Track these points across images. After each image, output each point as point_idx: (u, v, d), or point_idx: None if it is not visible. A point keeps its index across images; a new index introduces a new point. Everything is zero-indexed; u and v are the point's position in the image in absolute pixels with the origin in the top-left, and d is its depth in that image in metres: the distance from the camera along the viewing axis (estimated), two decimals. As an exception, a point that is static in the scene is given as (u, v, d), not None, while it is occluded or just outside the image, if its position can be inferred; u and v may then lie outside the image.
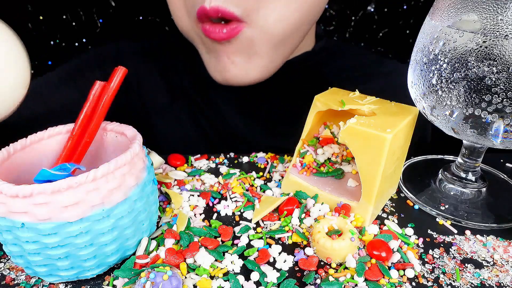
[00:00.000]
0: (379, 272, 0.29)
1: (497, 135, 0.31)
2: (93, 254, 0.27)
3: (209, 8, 0.39)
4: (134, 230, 0.29)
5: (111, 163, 0.27)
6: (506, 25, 0.27)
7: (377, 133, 0.30)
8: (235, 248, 0.31)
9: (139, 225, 0.30)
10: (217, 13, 0.40)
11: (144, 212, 0.30)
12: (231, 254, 0.31)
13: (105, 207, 0.27)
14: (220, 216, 0.36)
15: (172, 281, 0.26)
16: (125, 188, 0.28)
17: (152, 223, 0.32)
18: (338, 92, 0.38)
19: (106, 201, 0.27)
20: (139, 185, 0.29)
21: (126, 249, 0.30)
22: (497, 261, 0.31)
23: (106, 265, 0.29)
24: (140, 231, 0.30)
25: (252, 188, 0.39)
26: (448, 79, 0.31)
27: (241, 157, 0.45)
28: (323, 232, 0.31)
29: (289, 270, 0.30)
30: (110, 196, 0.27)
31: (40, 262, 0.27)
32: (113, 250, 0.28)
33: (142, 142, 0.31)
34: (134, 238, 0.30)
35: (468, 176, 0.38)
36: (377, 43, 0.75)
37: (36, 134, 0.32)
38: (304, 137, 0.38)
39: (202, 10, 0.40)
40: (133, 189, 0.28)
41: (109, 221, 0.27)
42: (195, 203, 0.37)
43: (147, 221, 0.31)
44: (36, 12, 0.70)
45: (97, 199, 0.26)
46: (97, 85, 0.32)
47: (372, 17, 0.73)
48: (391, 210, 0.37)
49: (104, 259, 0.28)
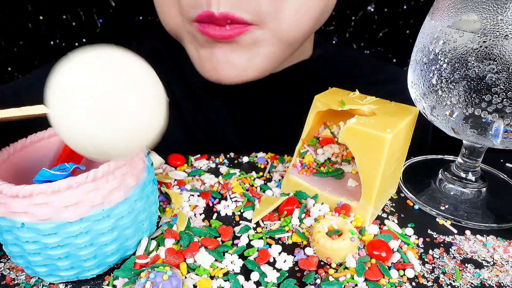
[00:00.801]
0: (379, 272, 0.29)
1: (497, 135, 0.31)
2: (93, 254, 0.27)
3: (217, 14, 0.38)
4: (134, 230, 0.29)
5: (111, 163, 0.27)
6: (506, 25, 0.27)
7: (377, 133, 0.30)
8: (235, 248, 0.31)
9: (139, 225, 0.30)
10: (226, 19, 0.38)
11: (144, 212, 0.30)
12: (231, 254, 0.31)
13: (105, 207, 0.27)
14: (220, 216, 0.36)
15: (172, 281, 0.26)
16: (125, 188, 0.28)
17: (152, 223, 0.32)
18: (338, 92, 0.38)
19: (106, 201, 0.27)
20: (139, 185, 0.29)
21: (126, 249, 0.30)
22: (497, 261, 0.31)
23: (106, 265, 0.29)
24: (140, 231, 0.30)
25: (252, 188, 0.39)
26: (448, 79, 0.31)
27: (241, 157, 0.45)
28: (323, 232, 0.31)
29: (289, 270, 0.30)
30: (110, 196, 0.27)
31: (40, 262, 0.27)
32: (113, 250, 0.28)
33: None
34: (134, 238, 0.30)
35: (468, 176, 0.38)
36: (377, 43, 0.75)
37: (36, 134, 0.32)
38: (304, 137, 0.38)
39: (208, 14, 0.38)
40: (133, 189, 0.28)
41: (109, 221, 0.27)
42: (195, 203, 0.37)
43: (147, 221, 0.31)
44: (36, 12, 0.70)
45: (97, 199, 0.26)
46: None
47: (372, 17, 0.73)
48: (391, 210, 0.37)
49: (104, 259, 0.28)
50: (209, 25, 0.39)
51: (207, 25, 0.40)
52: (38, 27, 0.71)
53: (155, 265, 0.28)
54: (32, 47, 0.73)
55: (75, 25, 0.72)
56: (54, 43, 0.73)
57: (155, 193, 0.32)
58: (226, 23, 0.38)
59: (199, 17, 0.39)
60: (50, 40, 0.72)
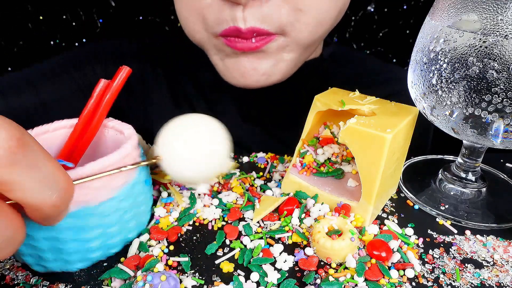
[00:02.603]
0: (379, 272, 0.29)
1: (497, 135, 0.31)
2: (76, 249, 0.28)
3: (245, 29, 0.39)
4: (119, 228, 0.30)
5: (98, 162, 0.27)
6: (506, 25, 0.27)
7: (377, 133, 0.30)
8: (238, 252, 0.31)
9: (124, 224, 0.30)
10: (253, 33, 0.40)
11: (131, 212, 0.30)
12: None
13: (89, 205, 0.27)
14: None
15: (170, 281, 0.26)
16: (111, 187, 0.28)
17: (141, 222, 0.32)
18: (338, 92, 0.38)
19: (91, 199, 0.27)
20: (127, 185, 0.29)
21: (110, 246, 0.30)
22: (497, 261, 0.31)
23: (90, 261, 0.30)
24: (126, 230, 0.31)
25: (252, 188, 0.39)
26: (448, 79, 0.31)
27: (241, 157, 0.45)
28: (323, 232, 0.31)
29: (289, 270, 0.30)
30: (95, 194, 0.27)
31: (27, 252, 0.28)
32: (97, 247, 0.29)
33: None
34: (119, 236, 0.30)
35: (468, 176, 0.38)
36: (377, 43, 0.75)
37: (41, 126, 0.33)
38: (304, 137, 0.38)
39: (235, 29, 0.40)
40: (121, 188, 0.29)
41: (93, 218, 0.28)
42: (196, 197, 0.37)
43: (134, 221, 0.31)
44: (36, 12, 0.70)
45: (81, 196, 0.26)
46: (101, 83, 0.32)
47: (372, 17, 0.73)
48: (391, 210, 0.37)
49: (87, 254, 0.29)
50: (235, 39, 0.41)
51: (233, 39, 0.41)
52: (38, 27, 0.71)
53: (150, 264, 0.29)
54: (32, 47, 0.73)
55: (75, 25, 0.72)
56: (54, 43, 0.73)
57: (147, 193, 0.33)
58: (253, 36, 0.40)
59: (225, 32, 0.41)
60: (50, 40, 0.72)
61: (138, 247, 0.31)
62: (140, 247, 0.31)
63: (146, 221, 0.33)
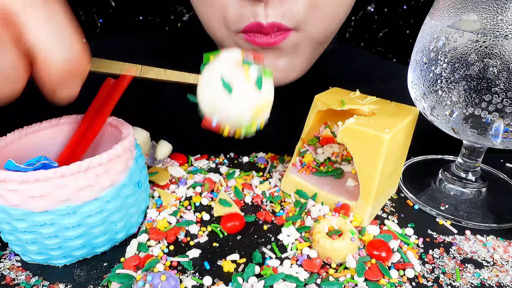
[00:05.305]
0: (379, 272, 0.29)
1: (497, 135, 0.31)
2: (58, 245, 0.28)
3: (266, 24, 0.40)
4: (104, 229, 0.30)
5: (83, 163, 0.27)
6: (506, 25, 0.27)
7: (375, 133, 0.30)
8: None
9: (110, 226, 0.30)
10: (273, 28, 0.40)
11: (118, 214, 0.30)
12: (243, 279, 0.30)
13: (71, 204, 0.27)
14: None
15: (170, 281, 0.26)
16: (97, 188, 0.28)
17: (130, 224, 0.32)
18: (339, 91, 0.38)
19: (73, 198, 0.27)
20: (114, 186, 0.29)
21: (94, 246, 0.30)
22: (497, 261, 0.31)
23: (73, 258, 0.30)
24: (112, 231, 0.31)
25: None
26: (448, 79, 0.31)
27: (241, 157, 0.45)
28: (323, 232, 0.31)
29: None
30: (78, 194, 0.27)
31: (13, 242, 0.29)
32: (80, 245, 0.29)
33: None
34: (104, 236, 0.30)
35: (468, 176, 0.38)
36: (377, 43, 0.75)
37: (50, 120, 0.34)
38: (304, 136, 0.38)
39: (257, 25, 0.40)
40: (107, 190, 0.29)
41: (75, 217, 0.28)
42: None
43: (122, 222, 0.31)
44: (36, 12, 0.70)
45: (63, 195, 0.27)
46: (109, 82, 0.32)
47: (372, 17, 0.73)
48: (391, 210, 0.37)
49: (70, 251, 0.29)
50: (255, 34, 0.42)
51: (253, 35, 0.42)
52: (38, 27, 0.71)
53: (150, 264, 0.29)
54: (32, 47, 0.73)
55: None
56: (54, 43, 0.73)
57: (139, 195, 0.32)
58: (273, 31, 0.41)
59: (246, 28, 0.41)
60: (50, 40, 0.72)
61: (138, 247, 0.31)
62: (140, 247, 0.31)
63: (138, 223, 0.33)
